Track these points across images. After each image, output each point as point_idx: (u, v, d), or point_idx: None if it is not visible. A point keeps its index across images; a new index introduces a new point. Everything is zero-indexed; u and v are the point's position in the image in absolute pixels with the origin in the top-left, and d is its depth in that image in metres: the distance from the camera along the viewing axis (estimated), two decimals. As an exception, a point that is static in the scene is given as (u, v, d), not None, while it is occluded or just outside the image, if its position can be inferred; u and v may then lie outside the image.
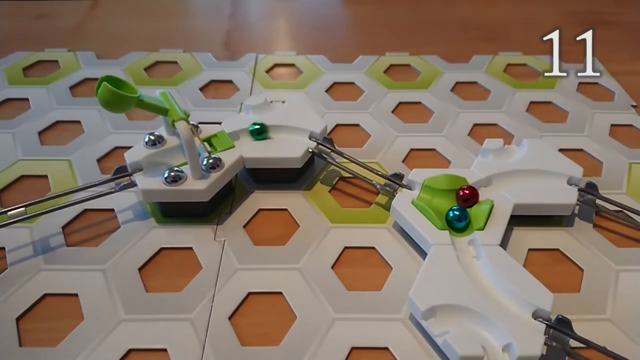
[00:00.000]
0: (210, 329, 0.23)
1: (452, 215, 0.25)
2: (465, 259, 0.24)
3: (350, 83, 0.40)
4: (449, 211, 0.25)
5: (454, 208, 0.25)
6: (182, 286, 0.24)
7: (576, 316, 0.23)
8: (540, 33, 0.48)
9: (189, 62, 0.42)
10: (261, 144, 0.29)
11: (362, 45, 0.46)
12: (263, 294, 0.24)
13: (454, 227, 0.25)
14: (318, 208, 0.29)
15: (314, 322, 0.23)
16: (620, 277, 0.25)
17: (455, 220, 0.25)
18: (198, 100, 0.37)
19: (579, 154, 0.33)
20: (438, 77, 0.41)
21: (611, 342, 0.22)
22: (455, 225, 0.25)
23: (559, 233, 0.27)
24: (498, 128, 0.36)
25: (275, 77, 0.41)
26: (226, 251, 0.26)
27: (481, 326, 0.21)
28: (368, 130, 0.35)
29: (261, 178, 0.30)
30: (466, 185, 0.27)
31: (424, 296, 0.22)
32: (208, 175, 0.26)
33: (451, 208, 0.25)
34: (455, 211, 0.25)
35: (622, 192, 0.30)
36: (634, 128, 0.36)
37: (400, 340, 0.22)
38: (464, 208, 0.26)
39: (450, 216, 0.25)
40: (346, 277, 0.25)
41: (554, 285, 0.25)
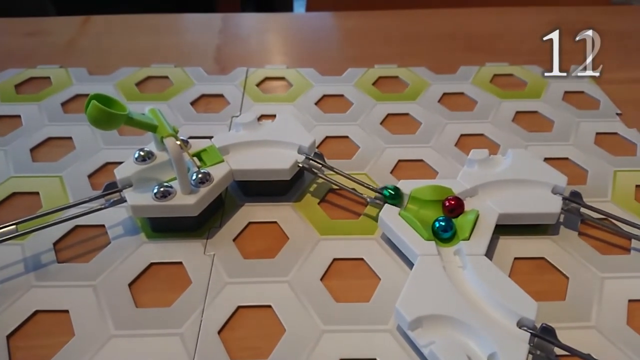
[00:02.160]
0: (199, 344, 0.23)
1: (438, 226, 0.26)
2: (451, 269, 0.24)
3: (340, 95, 0.41)
4: (435, 222, 0.26)
5: (440, 219, 0.26)
6: (171, 301, 0.25)
7: (561, 324, 0.24)
8: (526, 43, 0.49)
9: (180, 76, 0.42)
10: (250, 156, 0.29)
11: (351, 58, 0.47)
12: (252, 307, 0.24)
13: (440, 238, 0.26)
14: (307, 220, 0.29)
15: (302, 334, 0.23)
16: (605, 284, 0.26)
17: (441, 231, 0.26)
18: (189, 115, 0.38)
19: (564, 162, 0.34)
20: (426, 89, 0.41)
21: (596, 350, 0.23)
22: (441, 236, 0.26)
23: (544, 242, 0.28)
24: (484, 138, 0.36)
25: (266, 91, 0.41)
26: (216, 265, 0.26)
27: (467, 336, 0.21)
28: (357, 142, 0.36)
29: (251, 191, 0.30)
30: (452, 196, 0.27)
31: (410, 307, 0.22)
32: (197, 190, 0.26)
33: (437, 219, 0.26)
34: (441, 222, 0.26)
35: (607, 200, 0.31)
36: (618, 136, 0.37)
37: (388, 351, 0.23)
38: (449, 218, 0.26)
39: (437, 227, 0.26)
40: (335, 288, 0.26)
41: (540, 293, 0.25)
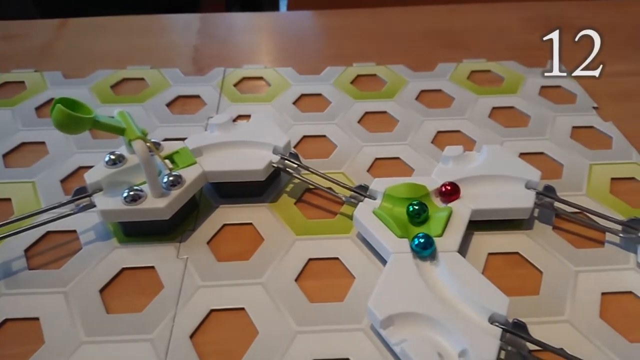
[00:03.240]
0: (170, 349, 0.22)
1: (412, 209, 0.26)
2: (424, 266, 0.24)
3: (318, 94, 0.41)
4: (409, 206, 0.26)
5: (414, 203, 0.26)
6: (143, 306, 0.24)
7: (535, 319, 0.24)
8: (504, 39, 0.50)
9: (156, 78, 0.42)
10: (224, 157, 0.29)
11: (330, 57, 0.46)
12: (225, 310, 0.24)
13: (414, 222, 0.26)
14: (283, 221, 0.29)
15: (275, 336, 0.23)
16: (579, 278, 0.26)
17: (415, 215, 0.26)
18: (164, 117, 0.37)
19: (540, 157, 0.34)
20: (403, 86, 0.41)
21: (569, 344, 0.23)
22: (415, 220, 0.26)
23: (518, 236, 0.28)
24: (461, 134, 0.36)
25: (243, 91, 0.41)
26: (189, 269, 0.26)
27: (438, 333, 0.21)
28: (334, 140, 0.36)
29: (226, 193, 0.30)
30: (448, 182, 0.28)
31: (382, 305, 0.22)
32: (168, 192, 0.26)
33: (411, 203, 0.26)
34: (415, 205, 0.26)
35: (582, 194, 0.31)
36: (595, 129, 0.37)
37: (361, 350, 0.22)
38: (423, 202, 0.26)
39: (410, 210, 0.26)
40: (310, 289, 0.25)
41: (513, 288, 0.25)
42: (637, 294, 0.25)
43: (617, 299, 0.25)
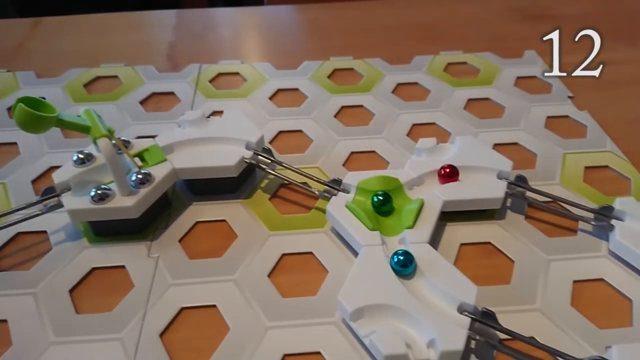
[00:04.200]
0: (140, 347, 0.22)
1: (376, 200, 0.26)
2: (396, 258, 0.24)
3: (295, 89, 0.40)
4: (373, 196, 0.26)
5: (379, 193, 0.26)
6: (113, 306, 0.24)
7: (506, 308, 0.24)
8: (481, 30, 0.50)
9: (130, 76, 0.41)
10: (195, 154, 0.29)
11: (307, 51, 0.46)
12: (196, 308, 0.24)
13: (380, 212, 0.26)
14: (257, 217, 0.29)
15: (247, 332, 0.23)
16: (550, 266, 0.26)
17: (380, 205, 0.26)
18: (137, 114, 0.37)
19: (514, 147, 0.34)
20: (380, 80, 0.41)
21: (540, 332, 0.23)
22: (380, 210, 0.26)
23: (490, 227, 0.28)
24: (436, 127, 0.36)
25: (219, 87, 0.40)
26: (160, 267, 0.26)
27: (407, 324, 0.21)
28: (310, 135, 0.35)
29: (199, 190, 0.30)
30: (447, 164, 0.28)
31: (352, 297, 0.22)
32: (137, 191, 0.26)
33: (375, 193, 0.26)
34: (379, 196, 0.26)
35: (556, 183, 0.31)
36: (569, 119, 0.37)
37: (333, 343, 0.22)
38: (387, 193, 0.26)
39: (375, 201, 0.26)
40: (282, 284, 0.25)
41: (485, 278, 0.25)
42: (608, 281, 0.25)
43: (589, 287, 0.25)
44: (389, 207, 0.26)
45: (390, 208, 0.26)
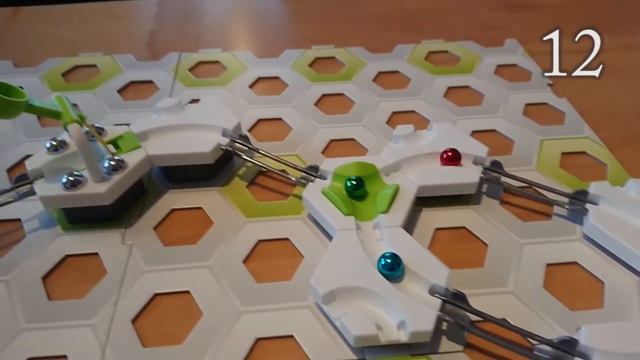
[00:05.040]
0: (112, 333, 0.22)
1: (350, 184, 0.26)
2: (370, 242, 0.24)
3: (275, 77, 0.40)
4: (347, 181, 0.26)
5: (352, 178, 0.26)
6: (85, 292, 0.24)
7: (479, 290, 0.24)
8: (463, 19, 0.50)
9: (108, 64, 0.41)
10: (170, 141, 0.29)
11: (289, 40, 0.46)
12: (170, 294, 0.24)
13: (354, 196, 0.26)
14: (234, 204, 0.29)
15: (220, 317, 0.23)
16: (524, 250, 0.26)
17: (353, 189, 0.26)
18: (115, 103, 0.37)
19: (491, 134, 0.34)
20: (361, 68, 0.41)
21: (512, 314, 0.23)
22: (354, 194, 0.26)
23: (466, 211, 0.28)
24: (416, 114, 0.36)
25: (199, 75, 0.40)
26: (134, 254, 0.26)
27: (379, 306, 0.21)
28: (290, 123, 0.35)
29: (175, 177, 0.30)
30: (449, 148, 0.28)
31: (323, 281, 0.22)
32: (110, 177, 0.26)
33: (349, 178, 0.26)
34: (352, 181, 0.26)
35: (532, 169, 0.31)
36: (548, 106, 0.37)
37: (306, 326, 0.22)
38: (360, 177, 0.26)
39: (348, 185, 0.26)
40: (258, 270, 0.25)
41: (459, 261, 0.26)
42: (581, 264, 0.26)
43: (562, 270, 0.26)
44: (362, 191, 0.26)
45: (364, 192, 0.26)
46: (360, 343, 0.21)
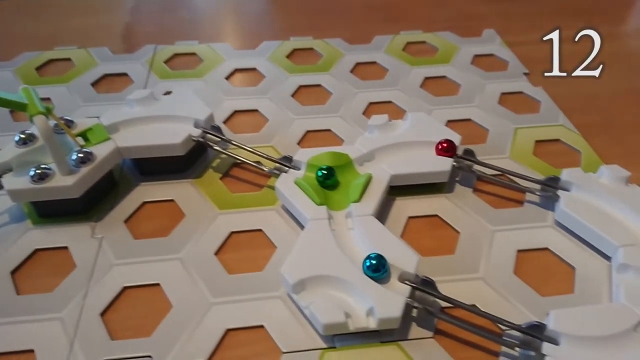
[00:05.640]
0: (80, 327, 0.22)
1: (321, 174, 0.26)
2: (341, 231, 0.24)
3: (252, 69, 0.40)
4: (318, 170, 0.26)
5: (322, 167, 0.26)
6: (54, 286, 0.24)
7: (450, 277, 0.24)
8: (442, 10, 0.50)
9: (83, 58, 0.40)
10: (141, 132, 0.28)
11: (267, 31, 0.46)
12: (139, 287, 0.24)
13: (325, 186, 0.26)
14: (207, 196, 0.28)
15: (190, 309, 0.23)
16: (495, 237, 0.26)
17: (324, 179, 0.26)
18: (89, 96, 0.36)
19: (467, 123, 0.34)
20: (339, 59, 0.41)
21: (482, 300, 0.23)
22: (325, 184, 0.26)
23: (439, 200, 0.28)
24: (392, 105, 0.36)
25: (174, 67, 0.40)
26: (103, 248, 0.25)
27: (348, 294, 0.21)
28: (266, 114, 0.35)
29: (147, 170, 0.29)
30: (444, 139, 0.28)
31: (294, 270, 0.22)
32: (78, 170, 0.25)
33: (320, 168, 0.26)
34: (323, 170, 0.26)
35: (506, 157, 0.31)
36: (523, 94, 0.37)
37: (277, 316, 0.22)
38: (331, 167, 0.26)
39: (319, 175, 0.26)
40: (230, 261, 0.25)
41: (431, 249, 0.26)
42: (553, 250, 0.26)
43: (533, 256, 0.26)
44: (333, 180, 0.26)
45: (335, 182, 0.26)
46: (329, 331, 0.21)
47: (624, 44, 0.44)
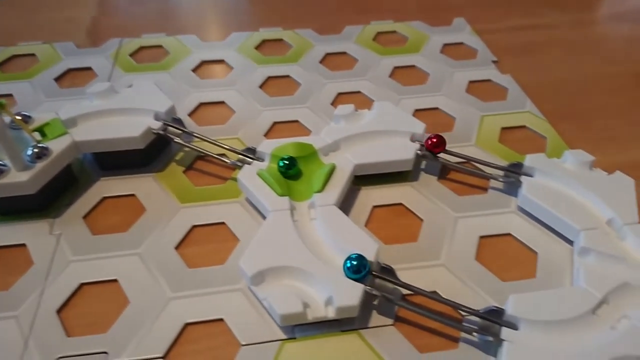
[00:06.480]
0: (35, 324, 0.21)
1: (282, 164, 0.26)
2: (303, 222, 0.24)
3: (220, 61, 0.39)
4: (279, 161, 0.26)
5: (284, 157, 0.26)
6: (10, 284, 0.23)
7: (411, 264, 0.24)
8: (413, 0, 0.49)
9: (47, 53, 0.40)
10: (99, 126, 0.28)
11: (237, 23, 0.45)
12: (97, 283, 0.23)
13: (288, 176, 0.26)
14: (169, 190, 0.28)
15: (148, 304, 0.22)
16: (458, 223, 0.26)
17: (286, 169, 0.26)
18: (51, 91, 0.35)
19: (434, 112, 0.34)
20: (308, 50, 0.41)
21: (444, 287, 0.23)
22: (287, 174, 0.26)
23: (403, 188, 0.28)
24: (361, 95, 0.36)
25: (140, 60, 0.39)
26: (61, 244, 0.25)
27: (307, 284, 0.21)
28: (233, 106, 0.35)
29: (107, 164, 0.29)
30: (434, 134, 0.28)
31: (252, 262, 0.22)
32: (33, 165, 0.25)
33: (281, 158, 0.26)
34: (285, 160, 0.26)
35: (472, 144, 0.31)
36: (491, 82, 0.37)
37: (237, 309, 0.22)
38: (292, 157, 0.26)
39: (280, 165, 0.26)
40: (191, 255, 0.25)
41: (394, 237, 0.26)
42: (515, 236, 0.26)
43: (495, 241, 0.26)
44: (295, 170, 0.26)
45: (297, 172, 0.26)
46: (287, 321, 0.21)
47: (594, 31, 0.44)
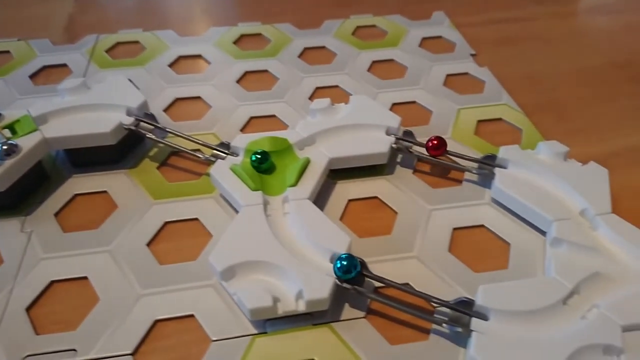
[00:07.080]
0: (4, 323, 0.21)
1: (255, 159, 0.26)
2: (277, 216, 0.24)
3: (197, 56, 0.39)
4: (252, 155, 0.26)
5: (257, 152, 0.26)
6: (-22, 284, 0.23)
7: (385, 257, 0.24)
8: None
9: (22, 50, 0.39)
10: (70, 122, 0.27)
11: (215, 17, 0.45)
12: (67, 281, 0.23)
13: (261, 171, 0.26)
14: (141, 186, 0.28)
15: (118, 302, 0.22)
16: (432, 216, 0.26)
17: (258, 163, 0.26)
18: (25, 89, 0.35)
19: (411, 106, 0.34)
20: (287, 44, 0.40)
21: (416, 279, 0.23)
22: (260, 169, 0.26)
23: (379, 182, 0.28)
24: (339, 89, 0.36)
25: (116, 56, 0.39)
26: (32, 242, 0.25)
27: (278, 278, 0.21)
28: (209, 101, 0.34)
29: (79, 161, 0.28)
30: (434, 136, 0.28)
31: (222, 257, 0.21)
32: (2, 162, 0.24)
33: (254, 152, 0.26)
34: (257, 154, 0.26)
35: (447, 137, 0.31)
36: (469, 75, 0.37)
37: (208, 305, 0.22)
38: (265, 151, 0.26)
39: (253, 160, 0.26)
40: (163, 252, 0.25)
41: (369, 230, 0.26)
42: (488, 227, 0.26)
43: (469, 233, 0.26)
44: (267, 165, 0.26)
45: (270, 166, 0.26)
46: (257, 316, 0.20)
47: (571, 24, 0.45)
